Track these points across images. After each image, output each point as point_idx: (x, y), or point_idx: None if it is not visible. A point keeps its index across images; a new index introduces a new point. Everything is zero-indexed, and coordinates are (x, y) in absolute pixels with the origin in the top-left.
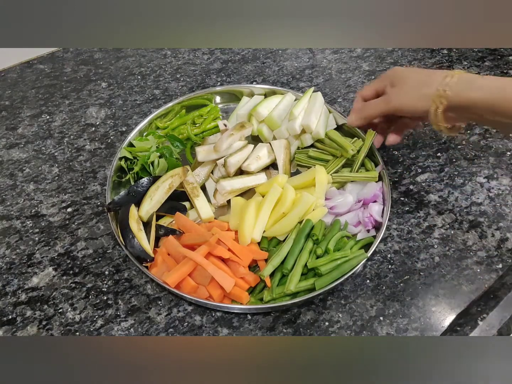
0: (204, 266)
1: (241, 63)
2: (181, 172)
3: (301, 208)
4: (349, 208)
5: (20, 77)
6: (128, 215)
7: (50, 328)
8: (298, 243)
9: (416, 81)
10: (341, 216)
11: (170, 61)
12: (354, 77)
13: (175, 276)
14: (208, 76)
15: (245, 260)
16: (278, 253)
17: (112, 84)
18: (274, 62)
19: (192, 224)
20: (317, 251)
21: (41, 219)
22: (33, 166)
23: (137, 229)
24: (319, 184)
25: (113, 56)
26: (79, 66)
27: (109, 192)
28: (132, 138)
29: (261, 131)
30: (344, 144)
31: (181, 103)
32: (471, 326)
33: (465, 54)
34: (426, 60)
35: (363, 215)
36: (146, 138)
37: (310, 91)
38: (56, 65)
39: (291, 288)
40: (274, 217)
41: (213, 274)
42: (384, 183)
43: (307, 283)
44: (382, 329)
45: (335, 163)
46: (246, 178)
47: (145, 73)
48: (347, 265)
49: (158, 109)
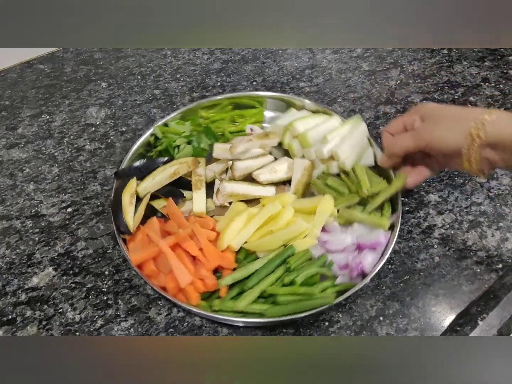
0: (166, 254)
1: (241, 63)
2: (191, 162)
3: (290, 231)
4: (343, 249)
5: (20, 77)
6: (126, 187)
7: (50, 328)
8: (270, 265)
9: (450, 116)
10: (332, 253)
11: (170, 61)
12: (354, 77)
13: (140, 255)
14: (208, 76)
15: (211, 263)
16: (246, 267)
17: (112, 84)
18: (274, 62)
19: (178, 213)
20: (285, 279)
21: (41, 219)
22: (33, 166)
23: (129, 202)
24: (319, 214)
25: (113, 56)
26: (79, 66)
27: (127, 161)
28: (171, 120)
29: (291, 146)
30: (362, 181)
31: (231, 99)
32: (471, 326)
33: (465, 54)
34: (426, 60)
35: (353, 259)
36: (183, 123)
37: (355, 119)
38: (56, 65)
39: (240, 306)
40: (261, 232)
41: (172, 265)
42: (392, 234)
43: (260, 307)
44: (382, 329)
45: (349, 198)
46: (251, 186)
47: (145, 73)
48: (308, 303)
49: (208, 98)
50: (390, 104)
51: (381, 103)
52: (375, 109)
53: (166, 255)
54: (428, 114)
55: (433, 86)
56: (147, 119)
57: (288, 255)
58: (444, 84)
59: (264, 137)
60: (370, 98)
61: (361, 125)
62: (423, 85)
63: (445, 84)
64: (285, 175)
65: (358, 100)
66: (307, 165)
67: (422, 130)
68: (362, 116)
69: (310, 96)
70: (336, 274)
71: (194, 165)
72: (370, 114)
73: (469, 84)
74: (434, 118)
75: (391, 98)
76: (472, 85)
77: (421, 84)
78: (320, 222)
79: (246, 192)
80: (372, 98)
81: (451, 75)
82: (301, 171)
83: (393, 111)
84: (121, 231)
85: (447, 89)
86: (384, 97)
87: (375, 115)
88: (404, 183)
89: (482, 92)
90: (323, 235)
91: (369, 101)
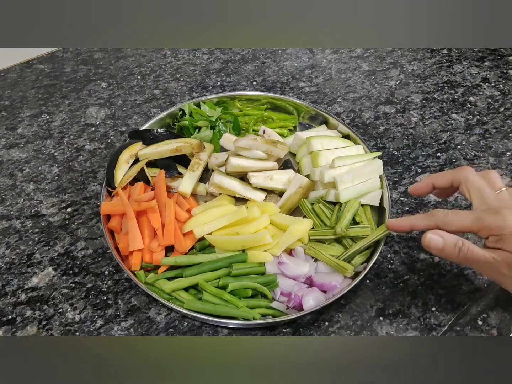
0: (127, 216)
1: (241, 63)
2: (196, 144)
3: (251, 239)
4: (296, 277)
5: (20, 77)
6: (128, 147)
7: (50, 328)
8: (214, 263)
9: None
10: (284, 277)
11: (170, 61)
12: (354, 77)
13: (110, 207)
14: (208, 76)
15: (165, 240)
16: (191, 256)
17: (112, 84)
18: (274, 62)
19: (162, 185)
20: (220, 282)
21: (41, 219)
22: (33, 166)
23: (125, 160)
24: (288, 234)
25: (113, 56)
26: (79, 66)
27: (148, 125)
28: (205, 101)
29: (302, 161)
30: (342, 218)
31: (271, 99)
32: (471, 326)
33: (465, 54)
34: (426, 60)
35: (298, 291)
36: (215, 107)
37: (374, 155)
38: (56, 65)
39: (167, 287)
40: (228, 231)
41: (128, 228)
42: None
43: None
44: (382, 329)
45: (324, 232)
46: (241, 185)
47: (145, 73)
48: (223, 310)
49: (248, 91)
50: (390, 104)
51: (381, 103)
52: (375, 109)
53: (127, 216)
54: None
55: (433, 86)
56: (147, 119)
57: (236, 260)
58: (444, 84)
59: (271, 143)
60: (370, 98)
61: (376, 162)
62: (423, 85)
63: (445, 84)
64: (281, 186)
65: (358, 100)
66: (305, 184)
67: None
68: (362, 116)
69: (310, 96)
70: (275, 297)
71: (198, 149)
72: (370, 114)
73: (469, 84)
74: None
75: (391, 98)
76: (472, 85)
77: (421, 84)
78: (285, 242)
79: (232, 188)
80: (372, 98)
81: (451, 75)
82: (296, 188)
83: (393, 111)
84: (108, 183)
85: (447, 89)
86: (384, 97)
87: (375, 115)
88: (386, 234)
89: (482, 92)
90: (284, 257)
91: (369, 101)
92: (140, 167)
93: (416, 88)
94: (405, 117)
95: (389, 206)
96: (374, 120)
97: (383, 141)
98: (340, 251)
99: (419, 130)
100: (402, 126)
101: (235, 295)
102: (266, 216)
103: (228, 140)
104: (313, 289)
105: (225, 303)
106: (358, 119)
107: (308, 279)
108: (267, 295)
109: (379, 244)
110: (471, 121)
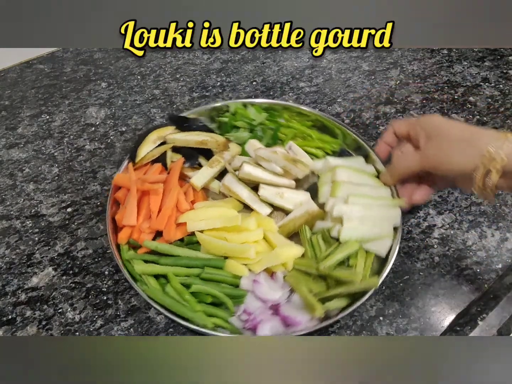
0: (130, 192)
1: (241, 63)
2: (221, 142)
3: (233, 248)
4: (265, 300)
5: (20, 77)
6: (160, 128)
7: (50, 328)
8: (192, 260)
9: (459, 137)
10: (254, 296)
11: (170, 61)
12: (354, 77)
13: (122, 179)
14: (208, 76)
15: (156, 224)
16: (171, 247)
17: (112, 84)
18: (274, 62)
19: (175, 172)
20: (187, 280)
21: (41, 219)
22: (33, 166)
23: (152, 140)
24: (272, 255)
25: (113, 56)
26: (79, 66)
27: (192, 113)
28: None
29: (322, 187)
30: (329, 257)
31: (319, 117)
32: (471, 326)
33: (465, 54)
34: (426, 60)
35: (259, 314)
36: (261, 111)
37: (397, 202)
38: (56, 65)
39: (137, 268)
40: (219, 232)
41: (126, 202)
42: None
43: (149, 282)
44: (382, 329)
45: (309, 264)
46: (248, 193)
47: (144, 73)
48: (179, 308)
49: (300, 104)
50: (390, 104)
51: (381, 103)
52: (375, 109)
53: (130, 192)
54: (434, 132)
55: (433, 86)
56: (147, 119)
57: (212, 264)
58: (444, 84)
59: (290, 161)
60: (370, 98)
61: (395, 210)
62: (423, 85)
63: (445, 84)
64: (290, 206)
65: (358, 100)
66: (312, 210)
67: (429, 151)
68: (362, 116)
69: (310, 96)
70: (236, 313)
71: (223, 147)
72: (370, 114)
73: (469, 84)
74: (440, 138)
75: (391, 98)
76: (472, 85)
77: (421, 84)
78: (267, 262)
79: (240, 194)
80: (372, 98)
81: (451, 75)
82: (303, 212)
83: (393, 111)
84: (131, 157)
85: (447, 89)
86: (384, 97)
87: (375, 115)
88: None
89: (482, 92)
90: (261, 276)
91: (369, 101)
92: (164, 150)
93: (416, 88)
94: (405, 117)
95: (393, 259)
96: (374, 120)
97: None
98: (321, 289)
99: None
100: None
101: (197, 297)
102: (260, 231)
103: (252, 147)
104: (275, 318)
105: (184, 302)
106: (358, 119)
107: (276, 307)
108: (230, 308)
109: (363, 295)
110: (471, 121)
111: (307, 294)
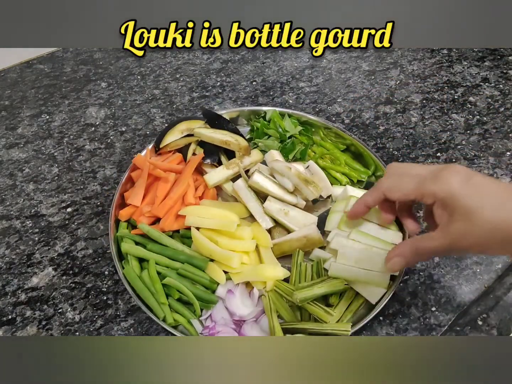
0: (142, 173)
1: (241, 63)
2: (243, 146)
3: (219, 253)
4: (233, 313)
5: (20, 77)
6: (190, 120)
7: (50, 328)
8: (176, 253)
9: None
10: (223, 305)
11: (170, 61)
12: (354, 77)
13: (140, 160)
14: (208, 76)
15: (157, 211)
16: (162, 235)
17: (112, 84)
18: (274, 62)
19: (191, 165)
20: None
21: (41, 219)
22: (32, 166)
23: (180, 130)
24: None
25: (113, 56)
26: (79, 66)
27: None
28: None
29: (331, 215)
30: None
31: (355, 142)
32: (471, 326)
33: (465, 54)
34: (426, 60)
35: (219, 325)
36: (297, 124)
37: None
38: (56, 65)
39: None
40: (214, 234)
41: (136, 184)
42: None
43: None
44: (382, 329)
45: (287, 290)
46: (255, 203)
47: (144, 73)
48: (147, 295)
49: (343, 128)
50: (390, 104)
51: (381, 103)
52: (375, 109)
53: (142, 174)
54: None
55: (433, 86)
56: (147, 119)
57: (195, 263)
58: (444, 84)
59: (302, 180)
60: (370, 98)
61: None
62: (423, 85)
63: (445, 84)
64: (292, 225)
65: (358, 100)
66: (312, 236)
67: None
68: (362, 116)
69: (310, 96)
70: (201, 317)
71: (244, 151)
72: (370, 114)
73: (469, 84)
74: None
75: (391, 98)
76: (472, 85)
77: (421, 84)
78: (247, 276)
79: (246, 202)
80: (372, 98)
81: (451, 75)
82: (301, 235)
83: (393, 111)
84: (156, 141)
85: (447, 89)
86: (384, 97)
87: (375, 115)
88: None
89: (482, 92)
90: (237, 289)
91: (369, 101)
92: (189, 142)
93: (416, 88)
94: (405, 117)
95: (380, 307)
96: (374, 120)
97: (383, 141)
98: (292, 319)
99: (419, 130)
100: (402, 126)
101: (168, 291)
102: (253, 242)
103: (271, 156)
104: (233, 334)
105: (153, 290)
106: (358, 119)
107: (240, 323)
108: (196, 309)
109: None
110: (471, 121)
111: (274, 321)
